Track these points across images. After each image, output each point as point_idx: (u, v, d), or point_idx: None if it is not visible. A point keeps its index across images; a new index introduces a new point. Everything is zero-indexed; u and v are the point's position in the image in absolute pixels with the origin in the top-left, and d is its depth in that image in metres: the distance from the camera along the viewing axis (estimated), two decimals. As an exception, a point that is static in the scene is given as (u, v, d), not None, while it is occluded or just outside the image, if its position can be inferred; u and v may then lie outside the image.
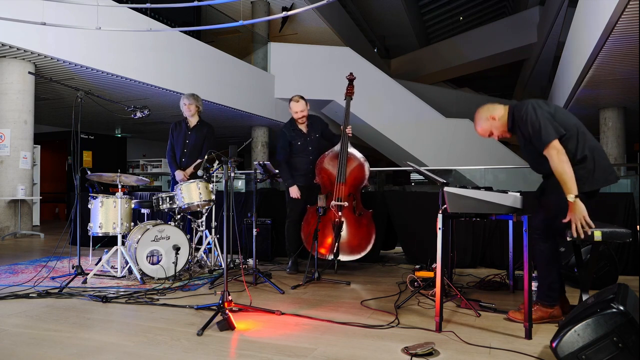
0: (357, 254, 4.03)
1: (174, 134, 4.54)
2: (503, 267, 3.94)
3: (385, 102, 12.26)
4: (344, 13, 16.00)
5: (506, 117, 2.64)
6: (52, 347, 2.20)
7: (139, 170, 13.35)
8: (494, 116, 2.65)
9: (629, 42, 6.03)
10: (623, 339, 1.73)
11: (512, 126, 2.63)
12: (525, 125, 2.48)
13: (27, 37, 6.36)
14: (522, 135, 2.54)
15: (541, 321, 2.52)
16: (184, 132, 4.48)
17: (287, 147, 4.17)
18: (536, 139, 2.45)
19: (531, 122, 2.45)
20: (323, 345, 2.21)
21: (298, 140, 4.18)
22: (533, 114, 2.46)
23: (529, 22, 16.36)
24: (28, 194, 7.07)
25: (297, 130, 4.19)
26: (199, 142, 4.45)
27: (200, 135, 4.46)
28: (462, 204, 2.48)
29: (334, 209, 3.96)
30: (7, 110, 6.86)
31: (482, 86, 22.05)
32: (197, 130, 4.47)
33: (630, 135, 10.39)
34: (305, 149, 4.18)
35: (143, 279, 3.59)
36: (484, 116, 2.70)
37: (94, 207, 3.84)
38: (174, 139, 4.54)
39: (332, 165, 4.09)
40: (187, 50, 9.23)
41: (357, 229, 4.04)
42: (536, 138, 2.44)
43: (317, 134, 4.23)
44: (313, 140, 4.20)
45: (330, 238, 3.95)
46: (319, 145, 4.21)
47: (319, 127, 4.26)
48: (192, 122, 4.50)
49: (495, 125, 2.67)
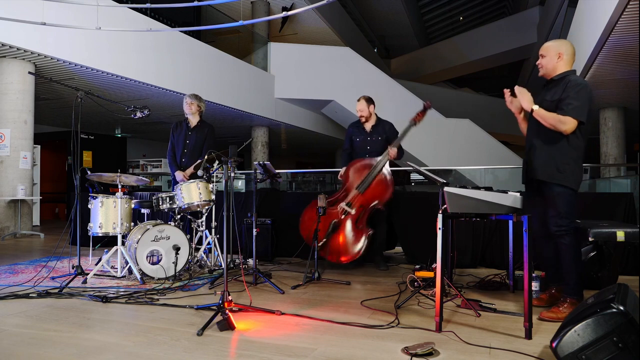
0: (331, 259, 4.05)
1: (175, 134, 4.55)
2: (503, 267, 3.94)
3: (385, 102, 12.19)
4: (344, 13, 16.00)
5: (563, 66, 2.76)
6: (52, 347, 2.20)
7: (139, 170, 13.35)
8: (561, 54, 2.75)
9: (629, 42, 6.03)
10: (623, 339, 1.73)
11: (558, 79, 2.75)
12: (573, 89, 2.62)
13: (27, 37, 6.36)
14: (555, 94, 2.69)
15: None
16: (185, 132, 4.49)
17: (348, 141, 4.45)
18: (569, 105, 2.61)
19: (578, 92, 2.62)
20: (323, 345, 2.21)
21: (358, 136, 4.38)
22: (585, 89, 2.64)
23: (529, 22, 16.37)
24: (28, 194, 7.07)
25: (361, 127, 4.40)
26: (200, 142, 4.46)
27: (201, 135, 4.47)
28: (462, 204, 2.48)
29: (341, 210, 4.02)
30: (7, 110, 6.86)
31: (482, 86, 22.04)
32: (198, 130, 4.48)
33: (630, 135, 10.38)
34: (363, 147, 4.34)
35: (143, 279, 3.59)
36: (550, 46, 2.79)
37: (94, 207, 3.84)
38: (174, 139, 4.55)
39: (360, 172, 4.11)
40: (187, 50, 9.23)
41: (346, 239, 4.04)
42: (570, 105, 2.61)
43: (380, 137, 4.31)
44: (374, 141, 4.31)
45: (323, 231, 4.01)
46: (379, 147, 4.26)
47: (384, 130, 4.34)
48: (192, 122, 4.50)
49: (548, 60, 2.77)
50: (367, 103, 4.36)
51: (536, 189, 2.83)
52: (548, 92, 2.79)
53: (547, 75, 2.83)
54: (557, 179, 2.67)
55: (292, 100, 12.37)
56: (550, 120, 2.64)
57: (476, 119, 12.71)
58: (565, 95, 2.64)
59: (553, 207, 2.70)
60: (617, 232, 2.30)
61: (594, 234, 2.46)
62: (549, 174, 2.70)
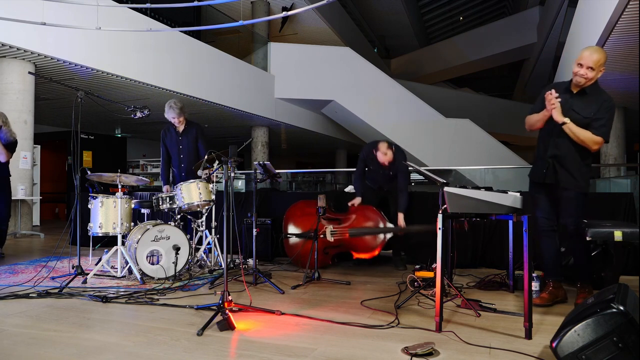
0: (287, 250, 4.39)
1: (166, 141, 4.61)
2: (503, 267, 3.94)
3: (385, 102, 12.26)
4: (344, 13, 16.00)
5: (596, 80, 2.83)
6: (52, 347, 2.20)
7: (139, 170, 13.33)
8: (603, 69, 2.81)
9: (629, 42, 6.03)
10: (623, 339, 1.73)
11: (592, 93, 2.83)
12: (608, 111, 2.78)
13: (27, 37, 6.36)
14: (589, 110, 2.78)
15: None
16: (175, 138, 4.55)
17: (362, 165, 4.43)
18: (603, 128, 2.76)
19: (611, 116, 2.79)
20: (323, 345, 2.21)
21: (371, 165, 4.39)
22: (614, 111, 2.85)
23: (529, 22, 16.36)
24: (28, 194, 7.07)
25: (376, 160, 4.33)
26: (192, 144, 4.54)
27: (192, 137, 4.53)
28: (462, 204, 2.48)
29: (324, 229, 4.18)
30: (7, 110, 6.81)
31: (482, 86, 22.05)
32: (187, 133, 4.54)
33: (630, 135, 10.38)
34: (376, 180, 4.43)
35: (143, 279, 3.59)
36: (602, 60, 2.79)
37: (94, 207, 3.84)
38: (166, 146, 4.61)
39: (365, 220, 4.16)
40: (187, 50, 9.23)
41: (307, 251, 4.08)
42: (604, 127, 2.77)
43: (392, 172, 4.31)
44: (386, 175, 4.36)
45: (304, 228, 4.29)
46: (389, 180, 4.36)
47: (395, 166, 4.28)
48: (180, 128, 4.55)
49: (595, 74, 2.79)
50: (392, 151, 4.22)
51: (547, 188, 3.00)
52: (576, 102, 2.85)
53: (583, 86, 2.85)
54: (580, 188, 2.87)
55: (292, 100, 12.37)
56: (583, 138, 2.75)
57: (476, 119, 12.71)
58: (601, 116, 2.76)
59: (571, 208, 2.88)
60: (615, 232, 2.30)
61: (592, 234, 2.46)
62: (575, 184, 2.87)
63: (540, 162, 3.00)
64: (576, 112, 2.81)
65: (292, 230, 4.33)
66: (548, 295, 2.96)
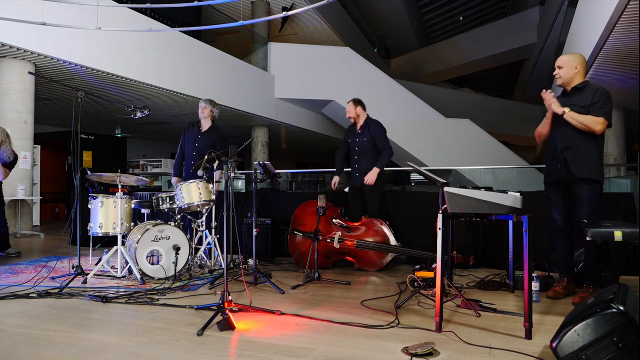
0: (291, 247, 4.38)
1: (186, 134, 4.64)
2: (503, 267, 3.94)
3: (385, 102, 12.24)
4: (344, 13, 16.00)
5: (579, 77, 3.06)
6: (52, 347, 2.20)
7: (139, 170, 13.33)
8: (577, 66, 3.05)
9: (629, 42, 6.03)
10: (623, 339, 1.73)
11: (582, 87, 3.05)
12: (602, 95, 2.95)
13: (27, 37, 6.36)
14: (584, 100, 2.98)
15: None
16: (195, 135, 4.57)
17: (344, 143, 4.57)
18: (601, 109, 2.92)
19: (607, 99, 2.94)
20: (323, 345, 2.21)
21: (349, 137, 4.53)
22: (610, 97, 2.98)
23: (529, 22, 16.36)
24: (28, 194, 7.07)
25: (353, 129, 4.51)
26: (208, 147, 4.51)
27: (209, 141, 4.52)
28: (462, 204, 2.48)
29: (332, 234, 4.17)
30: (7, 110, 6.85)
31: (482, 86, 22.05)
32: (207, 135, 4.55)
33: (630, 135, 10.38)
34: (352, 149, 4.49)
35: (143, 279, 3.59)
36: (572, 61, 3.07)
37: (94, 207, 3.84)
38: (185, 138, 4.63)
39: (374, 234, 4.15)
40: (187, 50, 9.23)
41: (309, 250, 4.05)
42: (602, 109, 2.92)
43: (366, 137, 4.37)
44: (361, 142, 4.40)
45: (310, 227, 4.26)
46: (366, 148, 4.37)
47: (369, 131, 4.36)
48: (204, 126, 4.59)
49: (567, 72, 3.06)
50: (354, 104, 4.43)
51: (562, 187, 3.09)
52: (572, 98, 3.07)
53: (565, 85, 3.12)
54: (594, 175, 2.96)
55: (292, 100, 12.37)
56: (585, 120, 2.92)
57: (476, 119, 12.71)
58: (596, 100, 2.95)
59: (587, 205, 2.96)
60: (615, 231, 2.30)
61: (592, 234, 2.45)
62: (587, 171, 2.97)
63: (553, 160, 3.11)
64: (574, 104, 3.00)
65: (300, 227, 4.32)
66: (562, 290, 3.11)
